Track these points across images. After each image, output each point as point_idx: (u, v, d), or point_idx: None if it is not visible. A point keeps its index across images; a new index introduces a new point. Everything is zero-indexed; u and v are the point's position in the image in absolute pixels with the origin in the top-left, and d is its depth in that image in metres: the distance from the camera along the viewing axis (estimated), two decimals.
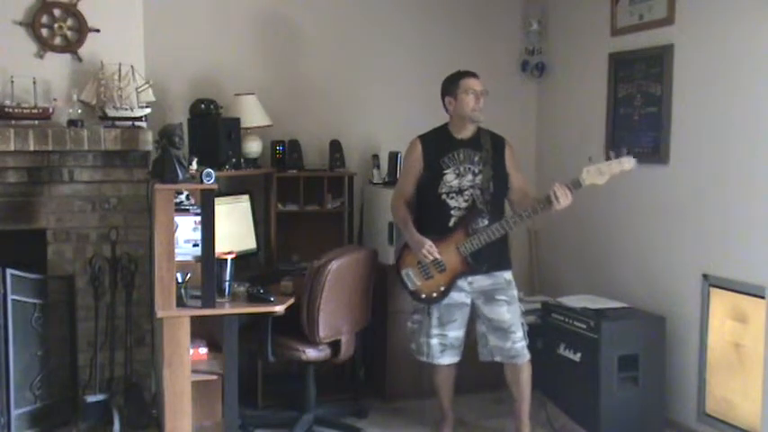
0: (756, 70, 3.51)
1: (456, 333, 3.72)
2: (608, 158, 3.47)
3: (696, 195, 3.84)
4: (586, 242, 4.64)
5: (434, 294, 3.66)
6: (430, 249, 3.56)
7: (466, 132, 3.70)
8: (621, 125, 4.33)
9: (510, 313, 3.65)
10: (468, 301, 3.70)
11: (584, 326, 3.84)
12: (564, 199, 3.42)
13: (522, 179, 3.77)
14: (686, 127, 3.90)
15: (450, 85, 3.69)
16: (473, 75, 3.69)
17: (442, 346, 3.72)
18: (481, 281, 3.67)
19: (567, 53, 4.87)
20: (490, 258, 3.63)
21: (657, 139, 4.04)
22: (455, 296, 3.67)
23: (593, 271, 4.56)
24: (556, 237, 4.89)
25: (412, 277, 3.69)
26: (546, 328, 4.13)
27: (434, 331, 3.70)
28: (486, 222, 3.59)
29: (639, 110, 4.19)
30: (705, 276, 3.77)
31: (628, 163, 3.45)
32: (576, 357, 3.89)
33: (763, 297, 3.46)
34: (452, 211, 3.64)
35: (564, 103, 4.90)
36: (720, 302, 3.71)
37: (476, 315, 3.73)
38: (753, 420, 3.52)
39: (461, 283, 3.66)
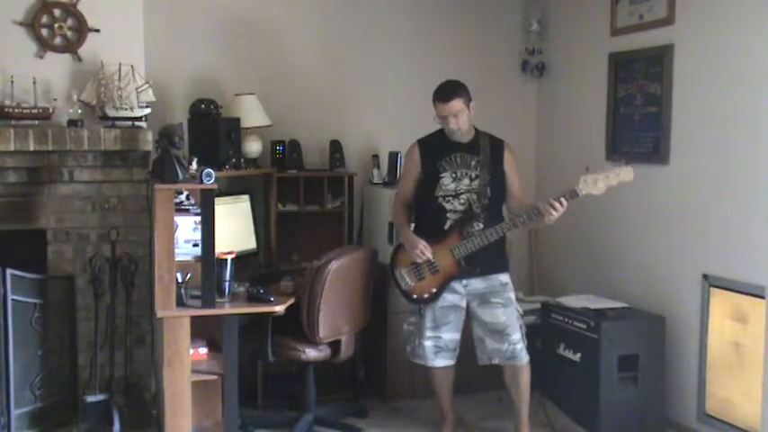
0: (756, 70, 3.51)
1: (451, 335, 3.71)
2: (607, 167, 3.46)
3: (696, 195, 3.84)
4: (586, 242, 4.64)
5: (426, 296, 3.66)
6: (423, 249, 3.57)
7: (464, 136, 3.68)
8: (621, 125, 4.33)
9: (505, 316, 3.64)
10: (463, 303, 3.69)
11: (584, 326, 3.84)
12: (556, 211, 3.39)
13: (519, 186, 3.72)
14: (686, 127, 3.90)
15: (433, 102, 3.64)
16: (441, 99, 3.57)
17: (437, 348, 3.71)
18: (476, 284, 3.66)
19: (567, 53, 4.87)
20: (484, 261, 3.62)
21: (657, 139, 4.04)
22: (449, 298, 3.67)
23: (593, 271, 4.56)
24: (556, 237, 4.88)
25: (405, 277, 3.69)
26: (546, 328, 4.12)
27: (428, 333, 3.69)
28: (482, 226, 3.59)
29: (639, 110, 4.18)
30: (705, 276, 3.76)
31: (626, 174, 3.42)
32: (576, 357, 3.89)
33: (763, 297, 3.45)
34: (448, 214, 3.64)
35: (564, 103, 4.90)
36: (720, 302, 3.71)
37: (471, 318, 3.72)
38: (753, 420, 3.52)
39: (455, 285, 3.65)
